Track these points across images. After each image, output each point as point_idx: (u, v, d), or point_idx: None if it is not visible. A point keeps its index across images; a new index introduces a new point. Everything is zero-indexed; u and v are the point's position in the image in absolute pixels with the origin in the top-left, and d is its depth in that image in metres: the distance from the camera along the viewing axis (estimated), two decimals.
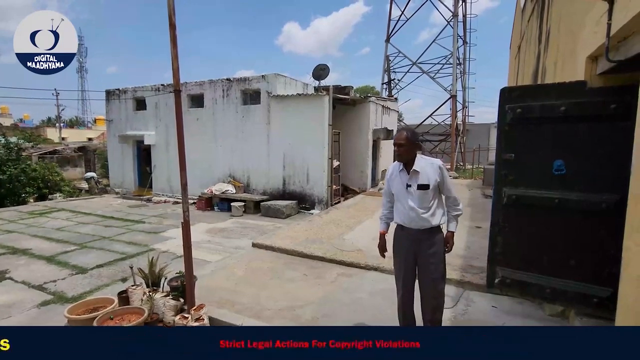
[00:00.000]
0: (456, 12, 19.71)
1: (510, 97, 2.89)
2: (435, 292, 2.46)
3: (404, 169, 2.45)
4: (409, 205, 2.40)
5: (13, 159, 11.16)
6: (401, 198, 2.46)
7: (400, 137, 2.40)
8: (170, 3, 2.40)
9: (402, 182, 2.45)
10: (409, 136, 2.40)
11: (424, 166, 2.42)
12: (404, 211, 2.44)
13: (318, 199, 8.80)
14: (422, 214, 2.38)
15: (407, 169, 2.43)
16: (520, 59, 8.12)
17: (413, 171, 2.40)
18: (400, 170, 2.47)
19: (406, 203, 2.41)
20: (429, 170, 2.42)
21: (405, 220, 2.45)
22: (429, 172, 2.41)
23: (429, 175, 2.40)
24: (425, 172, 2.41)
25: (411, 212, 2.40)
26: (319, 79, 10.52)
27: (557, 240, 2.65)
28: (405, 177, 2.43)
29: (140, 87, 11.45)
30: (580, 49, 2.72)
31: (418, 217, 2.39)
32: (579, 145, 2.55)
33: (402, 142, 2.38)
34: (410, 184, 2.41)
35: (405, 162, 2.44)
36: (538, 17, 5.62)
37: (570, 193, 2.57)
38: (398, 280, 2.56)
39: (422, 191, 2.39)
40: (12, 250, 5.70)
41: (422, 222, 2.40)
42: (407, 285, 2.51)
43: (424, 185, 2.38)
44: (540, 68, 5.03)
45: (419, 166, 2.41)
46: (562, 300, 2.70)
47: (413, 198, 2.40)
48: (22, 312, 3.66)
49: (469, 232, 5.81)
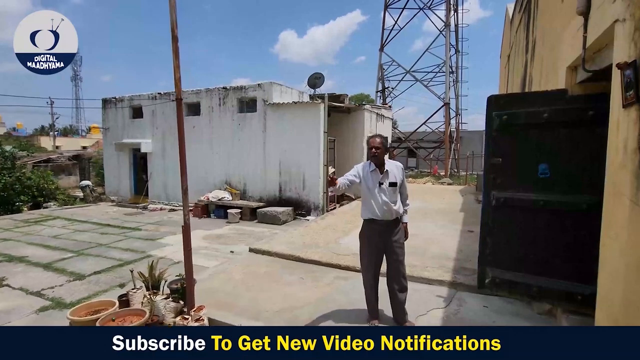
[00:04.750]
0: (448, 21, 20.17)
1: (498, 105, 3.04)
2: (402, 273, 2.93)
3: (375, 169, 2.86)
4: (382, 200, 2.82)
5: (8, 168, 11.13)
6: (374, 194, 2.84)
7: (377, 142, 2.84)
8: (172, 17, 2.53)
9: (374, 180, 2.85)
10: (383, 141, 2.88)
11: (392, 168, 2.90)
12: (377, 205, 2.83)
13: (314, 205, 8.89)
14: (392, 207, 2.83)
15: (380, 169, 2.85)
16: (510, 68, 8.36)
17: (386, 172, 2.85)
18: (372, 170, 2.87)
19: (379, 198, 2.82)
20: (396, 171, 2.91)
21: (378, 214, 2.83)
22: (396, 172, 2.90)
23: (396, 175, 2.89)
24: (393, 172, 2.89)
25: (384, 206, 2.82)
26: (314, 87, 10.70)
27: (543, 240, 2.78)
28: (377, 176, 2.85)
29: (137, 95, 11.53)
30: (561, 59, 2.89)
31: (390, 209, 2.82)
32: (561, 149, 2.69)
33: (379, 146, 2.83)
34: (383, 182, 2.83)
35: (377, 164, 2.85)
36: (525, 28, 5.84)
37: (554, 195, 2.71)
38: (368, 268, 2.97)
39: (392, 188, 2.85)
40: (9, 258, 5.70)
41: (391, 213, 2.84)
42: (376, 269, 2.96)
43: (394, 183, 2.85)
44: (528, 77, 5.23)
45: (389, 167, 2.87)
46: (549, 298, 2.82)
47: (385, 194, 2.82)
48: (21, 317, 3.69)
49: (462, 236, 5.94)
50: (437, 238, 5.82)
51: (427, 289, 3.85)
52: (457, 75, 22.54)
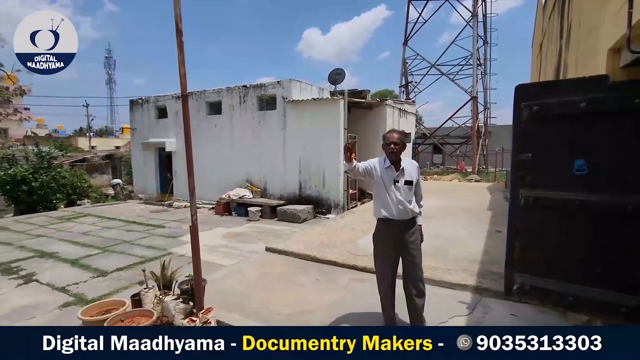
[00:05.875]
0: (475, 11, 19.31)
1: (527, 94, 2.76)
2: (419, 276, 2.76)
3: (391, 166, 2.70)
4: (397, 199, 2.66)
5: (45, 167, 11.75)
6: (389, 192, 2.68)
7: (396, 137, 2.70)
8: (177, 12, 2.46)
9: (390, 177, 2.69)
10: (402, 137, 2.73)
11: (408, 165, 2.76)
12: (392, 204, 2.67)
13: (334, 203, 8.74)
14: (408, 206, 2.68)
15: (395, 167, 2.70)
16: (542, 57, 7.83)
17: (402, 169, 2.71)
18: (387, 167, 2.71)
19: (394, 196, 2.67)
20: (412, 169, 2.77)
21: (393, 213, 2.67)
22: (412, 170, 2.76)
23: (412, 173, 2.74)
24: (409, 170, 2.74)
25: (399, 205, 2.66)
26: (335, 83, 10.53)
27: (580, 244, 2.49)
28: (393, 174, 2.70)
29: (162, 96, 11.83)
30: (601, 41, 2.58)
31: (405, 208, 2.67)
32: (601, 143, 2.39)
33: (397, 142, 2.68)
34: (398, 180, 2.69)
35: (394, 160, 2.70)
36: (559, 13, 5.40)
37: (593, 194, 2.41)
38: (384, 273, 2.78)
39: (408, 186, 2.70)
40: (41, 254, 5.96)
41: (407, 212, 2.69)
42: (393, 275, 2.77)
43: (409, 181, 2.71)
44: (562, 65, 4.82)
45: (405, 165, 2.73)
46: (587, 309, 2.53)
47: (400, 192, 2.67)
48: (44, 313, 3.80)
49: (489, 237, 5.60)
50: (461, 238, 5.51)
51: (449, 294, 3.61)
52: (485, 68, 21.59)
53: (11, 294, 4.30)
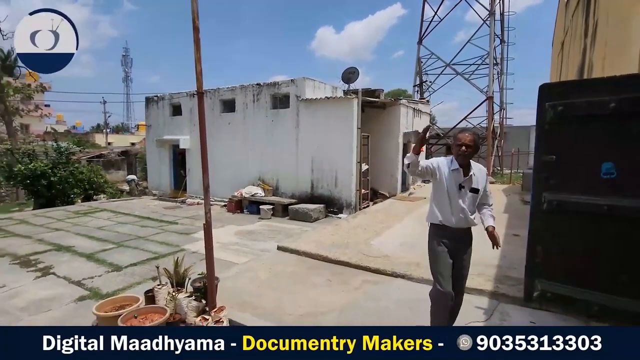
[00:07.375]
0: (493, 9, 18.89)
1: (552, 94, 2.66)
2: (463, 289, 2.61)
3: (459, 169, 2.42)
4: (460, 206, 2.41)
5: (63, 162, 12.03)
6: (452, 197, 2.43)
7: (469, 139, 2.40)
8: (193, 7, 2.45)
9: (455, 181, 2.43)
10: (475, 139, 2.44)
11: (477, 172, 2.47)
12: (454, 211, 2.43)
13: (346, 203, 8.68)
14: (469, 215, 2.43)
15: (464, 171, 2.42)
16: (563, 56, 7.59)
17: (470, 175, 2.42)
18: (454, 170, 2.43)
19: (457, 204, 2.42)
20: (480, 176, 2.48)
21: (453, 221, 2.44)
22: (480, 177, 2.47)
23: (479, 181, 2.46)
24: (478, 177, 2.46)
25: (461, 213, 2.42)
26: (348, 82, 10.45)
27: (607, 251, 2.38)
28: (460, 178, 2.42)
29: (177, 93, 11.96)
30: (633, 38, 2.45)
31: (466, 217, 2.43)
32: (632, 145, 2.28)
33: (470, 144, 2.38)
34: (464, 186, 2.42)
35: (463, 164, 2.42)
36: (584, 11, 5.21)
37: (622, 199, 2.30)
38: (443, 277, 2.46)
39: (473, 194, 2.44)
40: (58, 247, 6.09)
41: (467, 221, 2.45)
42: (450, 280, 2.48)
43: (476, 189, 2.44)
44: (587, 64, 4.64)
45: (475, 171, 2.45)
46: (613, 319, 2.42)
47: (464, 199, 2.42)
48: (60, 306, 3.86)
49: (506, 240, 5.44)
50: (476, 242, 5.38)
51: (466, 299, 3.44)
52: (502, 67, 21.11)
53: (29, 286, 4.39)
